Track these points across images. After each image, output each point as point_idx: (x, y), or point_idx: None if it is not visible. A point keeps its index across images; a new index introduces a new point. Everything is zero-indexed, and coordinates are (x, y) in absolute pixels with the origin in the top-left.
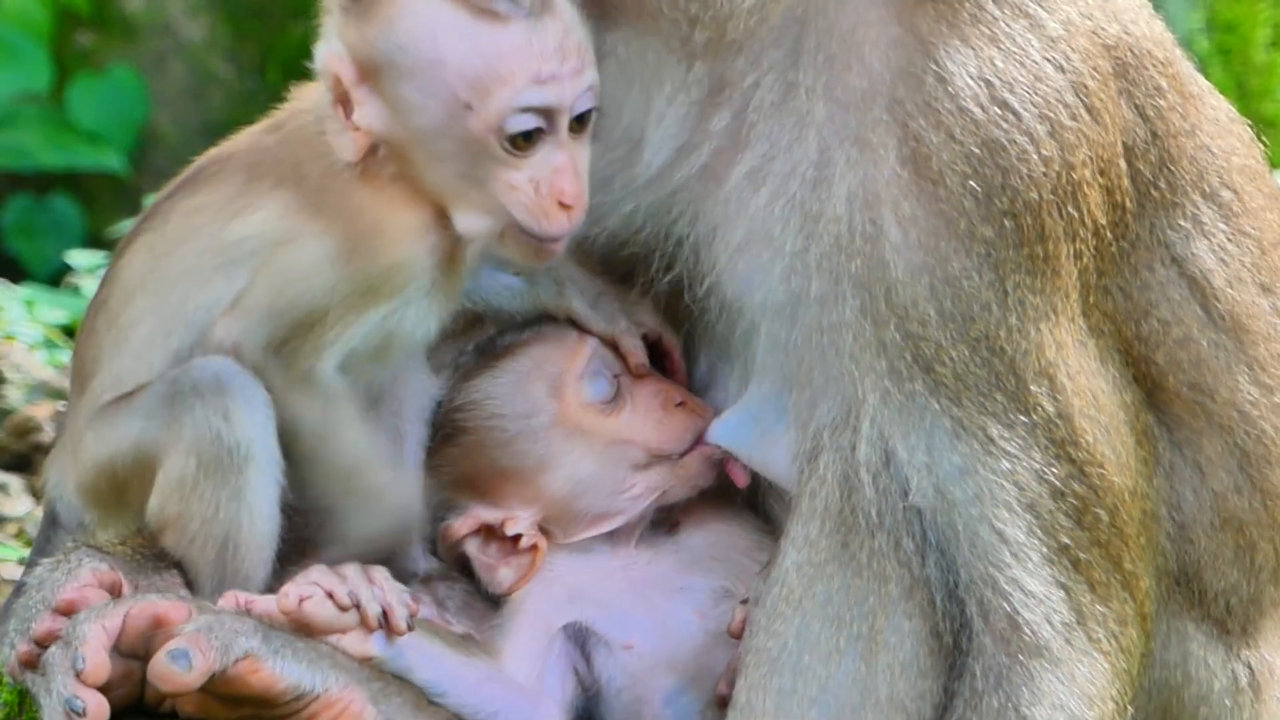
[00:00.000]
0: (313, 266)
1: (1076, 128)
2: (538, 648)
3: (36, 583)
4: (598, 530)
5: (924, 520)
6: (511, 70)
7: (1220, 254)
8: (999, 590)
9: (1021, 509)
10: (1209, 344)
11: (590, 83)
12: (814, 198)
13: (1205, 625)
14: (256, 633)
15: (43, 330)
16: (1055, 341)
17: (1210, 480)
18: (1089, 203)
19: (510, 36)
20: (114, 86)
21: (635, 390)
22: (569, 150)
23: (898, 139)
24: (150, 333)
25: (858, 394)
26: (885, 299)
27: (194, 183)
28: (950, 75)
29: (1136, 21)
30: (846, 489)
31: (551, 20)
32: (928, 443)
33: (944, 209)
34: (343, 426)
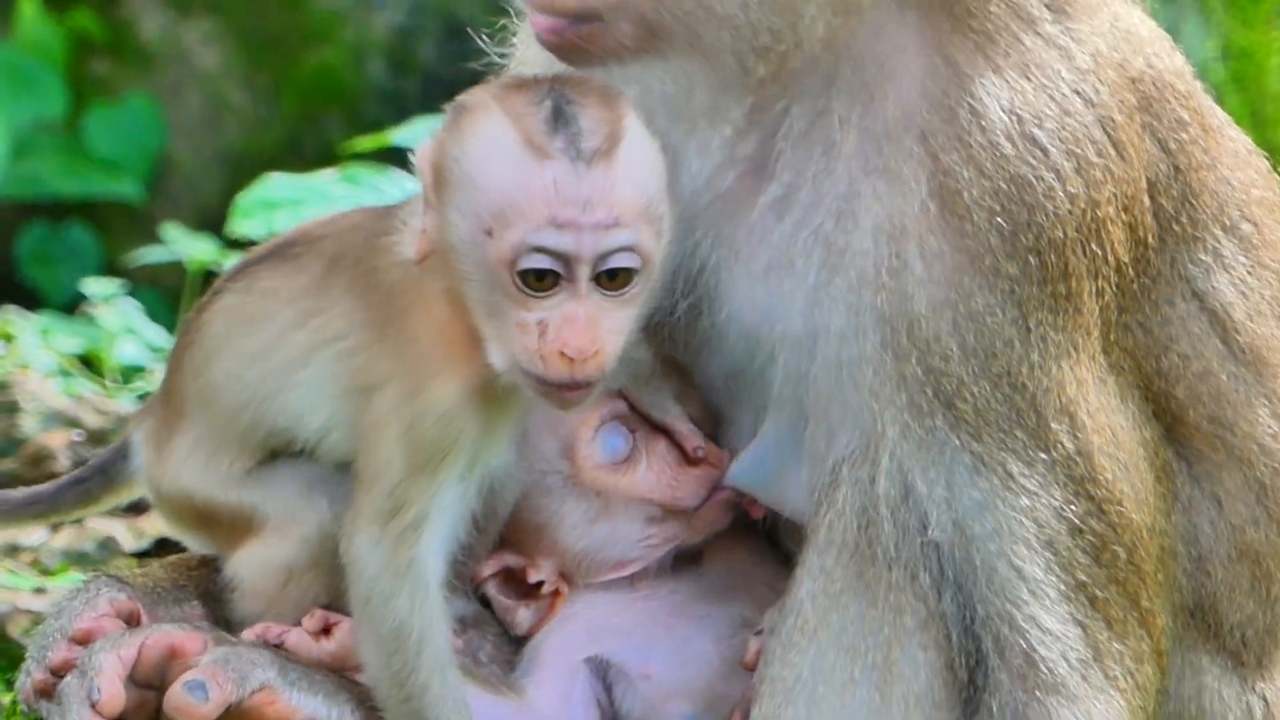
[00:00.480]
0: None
1: (1103, 164)
2: (561, 683)
3: (54, 611)
4: (617, 575)
5: (941, 555)
6: (533, 206)
7: (1241, 287)
8: (1016, 627)
9: (1040, 546)
10: (1229, 377)
11: (624, 243)
12: (839, 230)
13: (1220, 658)
14: (273, 665)
15: (58, 359)
16: (1076, 379)
17: (1228, 513)
18: (1112, 240)
19: (545, 174)
20: (130, 115)
21: (651, 446)
22: (587, 303)
23: (929, 172)
24: (230, 407)
25: (877, 428)
26: (907, 333)
27: (281, 257)
28: (984, 109)
29: (1159, 54)
30: (864, 521)
31: (600, 171)
32: (947, 478)
33: (970, 244)
34: (432, 630)
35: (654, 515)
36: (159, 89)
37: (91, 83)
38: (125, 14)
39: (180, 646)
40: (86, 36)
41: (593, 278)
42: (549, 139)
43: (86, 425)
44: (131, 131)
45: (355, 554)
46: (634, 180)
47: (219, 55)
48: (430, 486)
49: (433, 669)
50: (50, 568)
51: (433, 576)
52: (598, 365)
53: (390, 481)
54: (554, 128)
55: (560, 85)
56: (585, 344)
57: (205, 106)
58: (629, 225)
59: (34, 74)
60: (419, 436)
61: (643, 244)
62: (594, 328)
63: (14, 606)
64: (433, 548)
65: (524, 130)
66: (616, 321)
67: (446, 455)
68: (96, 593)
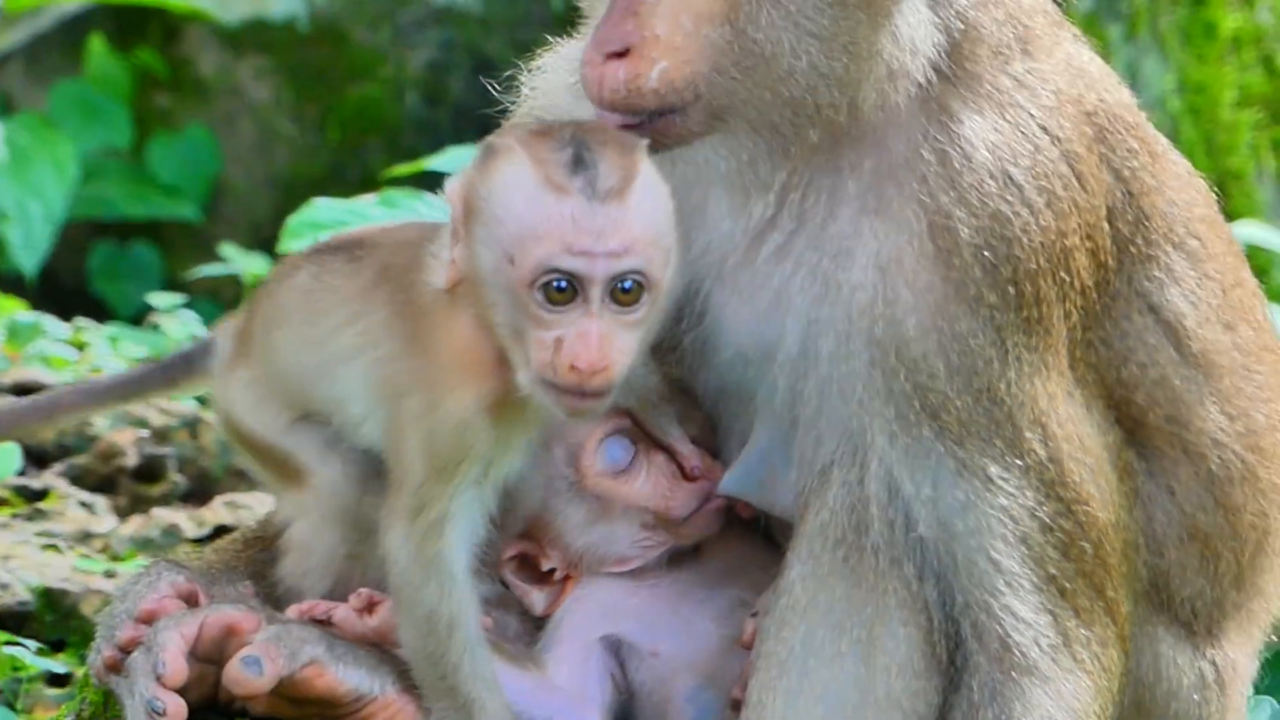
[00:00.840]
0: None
1: (1069, 196)
2: (578, 658)
3: (120, 594)
4: (619, 569)
5: (925, 548)
6: (550, 234)
7: (1191, 298)
8: (992, 615)
9: (1015, 541)
10: (1182, 380)
11: (633, 267)
12: (836, 267)
13: (1174, 628)
14: (321, 641)
15: (126, 364)
16: (1047, 393)
17: (1180, 500)
18: (1078, 266)
19: (562, 207)
20: (189, 143)
21: (650, 459)
22: (599, 322)
23: (926, 210)
24: (286, 373)
25: (867, 437)
26: (896, 353)
27: (348, 255)
28: (973, 150)
29: (1109, 89)
30: (852, 516)
31: (612, 207)
32: (933, 480)
33: (956, 276)
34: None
35: (648, 521)
36: (215, 120)
37: (154, 114)
38: (185, 52)
39: (237, 624)
40: (150, 72)
41: (605, 297)
42: (569, 179)
43: (152, 424)
44: (191, 159)
45: (389, 548)
46: (644, 216)
47: (270, 89)
48: (449, 489)
49: (463, 649)
50: (119, 553)
51: (458, 567)
52: (606, 379)
53: (414, 483)
54: (574, 170)
55: (581, 133)
56: (596, 358)
57: (257, 136)
58: (638, 253)
59: (102, 106)
60: (437, 444)
61: (651, 269)
62: (604, 344)
63: (86, 588)
64: (457, 542)
65: (545, 172)
66: (625, 340)
67: (462, 462)
68: (158, 576)
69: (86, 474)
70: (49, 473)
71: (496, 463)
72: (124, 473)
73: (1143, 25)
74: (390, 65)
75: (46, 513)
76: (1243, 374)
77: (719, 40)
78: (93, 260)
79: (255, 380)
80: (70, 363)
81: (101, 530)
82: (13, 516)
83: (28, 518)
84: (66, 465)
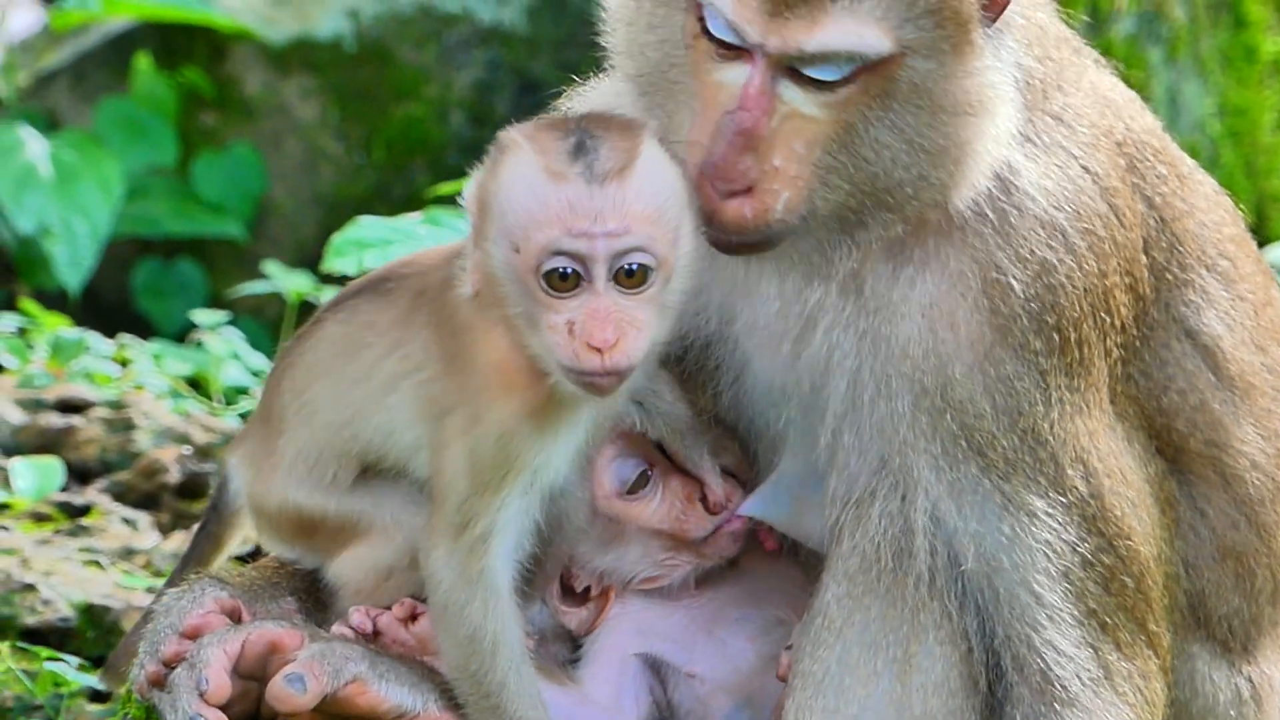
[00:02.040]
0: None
1: (1109, 235)
2: (613, 673)
3: (164, 609)
4: (647, 589)
5: (966, 580)
6: (551, 219)
7: (1226, 320)
8: (1033, 648)
9: (1057, 576)
10: (1221, 404)
11: (634, 244)
12: (883, 323)
13: (1210, 645)
14: (364, 659)
15: (169, 381)
16: (1088, 430)
17: (1213, 520)
18: (1118, 304)
19: (562, 193)
20: (234, 162)
21: (667, 481)
22: (606, 299)
23: (981, 265)
24: (331, 423)
25: (913, 473)
26: (942, 394)
27: (375, 291)
28: (1028, 201)
29: (1134, 115)
30: (894, 546)
31: (613, 188)
32: (979, 514)
33: (1003, 323)
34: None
35: (665, 543)
36: (261, 139)
37: (200, 133)
38: (230, 71)
39: (280, 641)
40: (195, 91)
41: (610, 277)
42: (569, 166)
43: (194, 441)
44: (236, 177)
45: (432, 566)
46: (645, 195)
47: (315, 108)
48: (494, 502)
49: (508, 668)
50: (161, 569)
51: (503, 584)
52: (623, 353)
53: (458, 498)
54: (574, 156)
55: (585, 123)
56: (609, 333)
57: (303, 155)
58: (639, 231)
59: (148, 125)
60: (481, 457)
61: (654, 246)
62: (615, 319)
63: (129, 604)
64: (501, 558)
65: (546, 161)
66: (636, 316)
67: (507, 473)
68: (202, 592)
69: (129, 490)
70: (91, 489)
71: (541, 472)
72: (166, 489)
73: (1183, 49)
74: (436, 85)
75: (89, 529)
76: (1274, 395)
77: (833, 162)
78: (137, 277)
79: (300, 451)
80: (113, 379)
81: (144, 546)
82: (55, 532)
83: (70, 534)
84: (109, 481)
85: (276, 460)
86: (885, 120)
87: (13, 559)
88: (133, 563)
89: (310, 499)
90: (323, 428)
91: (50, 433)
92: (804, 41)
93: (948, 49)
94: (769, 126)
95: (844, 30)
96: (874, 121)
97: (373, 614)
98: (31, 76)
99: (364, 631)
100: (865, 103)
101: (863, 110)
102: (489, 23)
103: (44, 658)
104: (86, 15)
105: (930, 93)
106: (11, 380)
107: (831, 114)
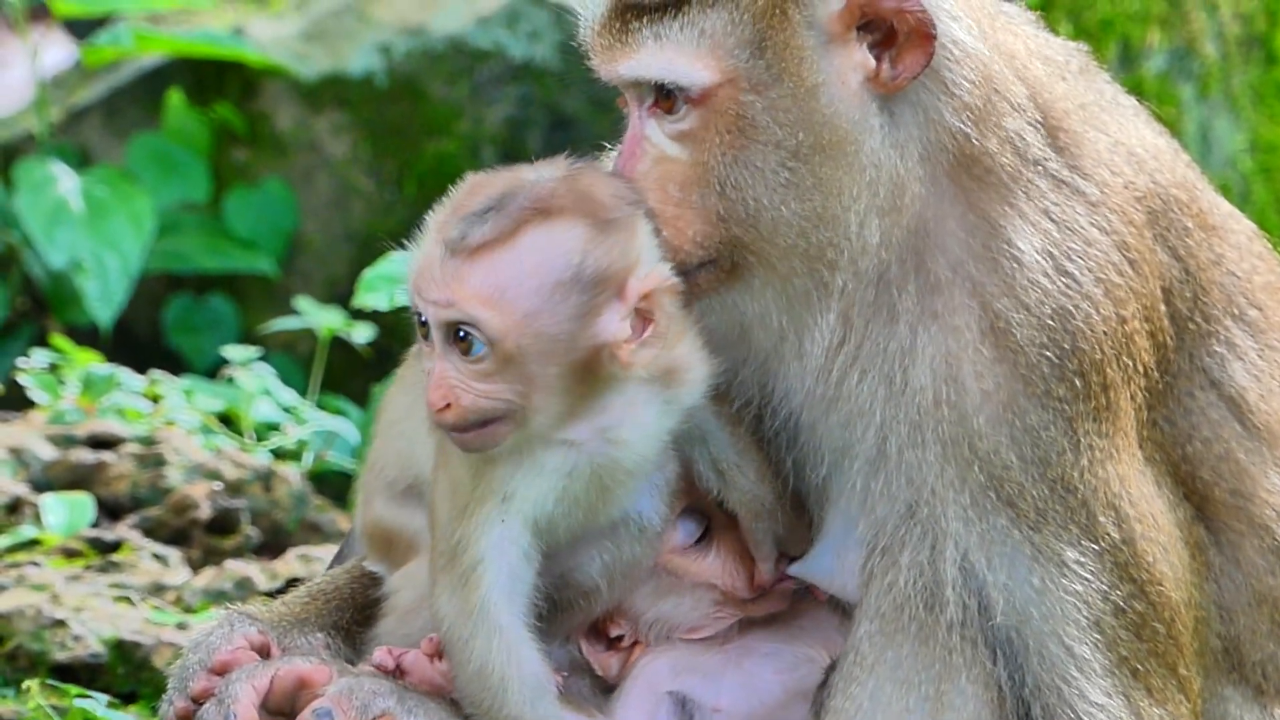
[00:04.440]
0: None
1: (1124, 283)
2: (646, 707)
3: (193, 645)
4: (690, 638)
5: (995, 630)
6: (412, 274)
7: (1253, 370)
8: (1064, 699)
9: (1088, 627)
10: (1246, 454)
11: (458, 318)
12: (899, 371)
13: (1243, 688)
14: (393, 694)
15: (200, 417)
16: (1119, 475)
17: (1245, 568)
18: (1140, 349)
19: (426, 254)
20: (266, 198)
21: (723, 537)
22: (442, 362)
23: (978, 317)
24: (393, 450)
25: (942, 523)
26: (969, 446)
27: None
28: (1021, 254)
29: (1160, 169)
30: (924, 596)
31: (459, 262)
32: (1009, 566)
33: (1023, 373)
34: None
35: (715, 596)
36: (292, 175)
37: (232, 169)
38: (262, 107)
39: (308, 677)
40: (228, 127)
41: (448, 343)
42: (447, 231)
43: (225, 477)
44: (268, 213)
45: (434, 603)
46: (492, 276)
47: (347, 145)
48: (471, 528)
49: (522, 702)
50: (192, 605)
51: (504, 616)
52: (449, 417)
53: (443, 527)
54: (460, 224)
55: (519, 190)
56: (434, 396)
57: (334, 191)
58: (466, 308)
59: (180, 161)
60: (452, 479)
61: (486, 325)
62: (443, 382)
63: (159, 640)
64: (496, 589)
65: (443, 220)
66: (473, 385)
67: (474, 492)
68: (232, 627)
69: (159, 526)
70: (122, 525)
71: (513, 500)
72: (197, 525)
73: (1215, 85)
74: (468, 121)
75: (119, 565)
76: None
77: (706, 203)
78: (168, 313)
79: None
80: (144, 415)
81: (174, 582)
82: (85, 568)
83: (100, 569)
84: (139, 517)
85: (368, 473)
86: (738, 159)
87: (43, 595)
88: (163, 598)
89: (385, 511)
90: (395, 444)
91: (81, 468)
92: (621, 69)
93: (770, 80)
94: (640, 169)
95: (654, 58)
96: (728, 161)
97: (396, 653)
98: (64, 112)
99: (387, 670)
100: (714, 141)
101: (717, 149)
102: (520, 59)
103: (74, 694)
104: (119, 51)
105: (767, 128)
106: (43, 416)
107: (689, 153)
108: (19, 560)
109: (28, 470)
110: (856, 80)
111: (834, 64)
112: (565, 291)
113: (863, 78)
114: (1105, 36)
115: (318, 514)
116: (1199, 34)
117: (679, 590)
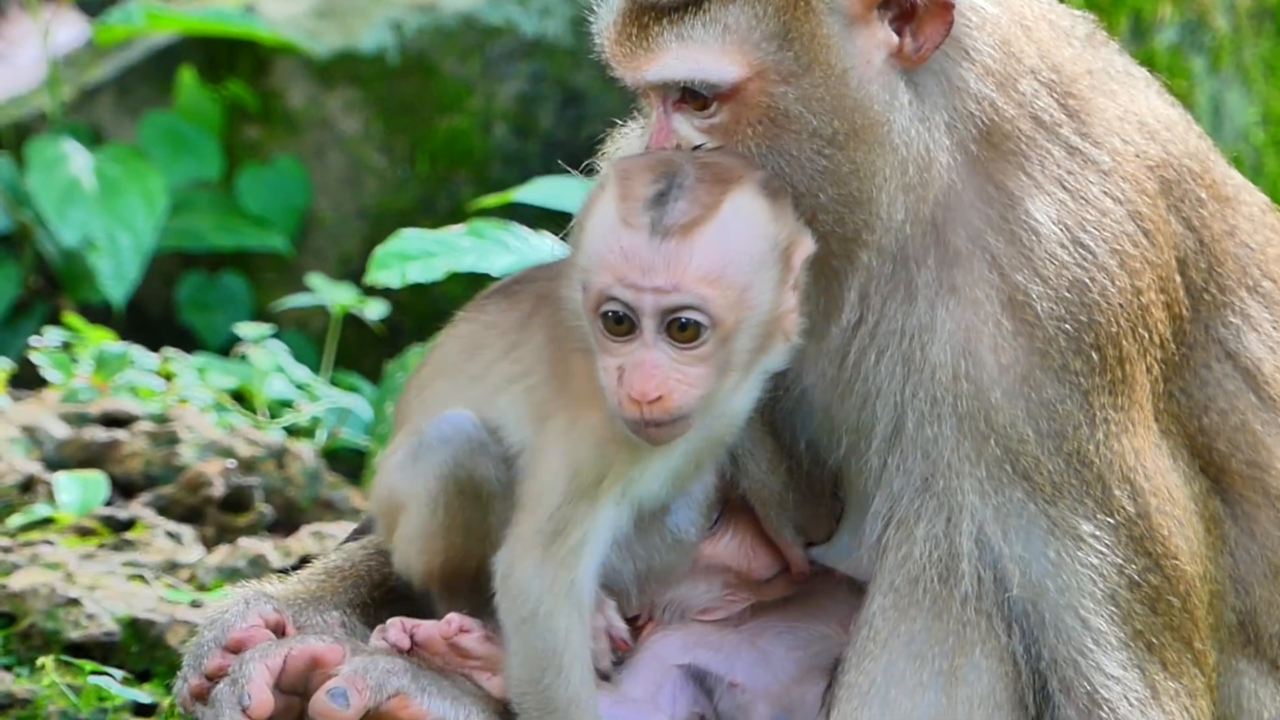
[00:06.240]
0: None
1: (1139, 254)
2: (654, 676)
3: (208, 622)
4: (705, 619)
5: (1010, 603)
6: (609, 265)
7: (1268, 342)
8: (1080, 672)
9: (1104, 599)
10: (1263, 425)
11: (682, 302)
12: (917, 349)
13: (1258, 662)
14: (406, 672)
15: (213, 395)
16: (1134, 449)
17: (1261, 540)
18: (1155, 321)
19: (624, 241)
20: (278, 175)
21: (739, 520)
22: (654, 352)
23: (998, 289)
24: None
25: (958, 497)
26: (985, 419)
27: (505, 294)
28: (1039, 225)
29: (1173, 139)
30: (940, 569)
31: (672, 244)
32: (1025, 538)
33: (1040, 346)
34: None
35: (730, 580)
36: (305, 152)
37: (244, 146)
38: (274, 84)
39: (322, 656)
40: (240, 105)
41: (661, 330)
42: (640, 215)
43: (239, 454)
44: (280, 190)
45: (519, 576)
46: (708, 254)
47: (359, 122)
48: (590, 510)
49: (580, 684)
50: (205, 583)
51: (588, 597)
52: (664, 409)
53: (552, 505)
54: (649, 206)
55: (680, 167)
56: (649, 388)
57: (346, 168)
58: (690, 290)
59: (192, 139)
60: (578, 462)
61: (709, 306)
62: (660, 373)
63: (172, 618)
64: (590, 570)
65: (624, 206)
66: (686, 371)
67: (603, 479)
68: (247, 605)
69: (173, 504)
70: (136, 503)
71: (634, 483)
72: (211, 503)
73: (1226, 58)
74: (479, 97)
75: (133, 543)
76: None
77: None
78: (181, 291)
79: (408, 436)
80: (157, 393)
81: (188, 560)
82: (99, 546)
83: (114, 548)
84: (153, 495)
85: (391, 450)
86: (772, 148)
87: (57, 573)
88: (177, 576)
89: (389, 486)
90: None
91: (94, 447)
92: (647, 73)
93: (800, 70)
94: None
95: (679, 59)
96: (762, 151)
97: (409, 627)
98: (76, 90)
99: (401, 648)
100: (747, 133)
101: (750, 141)
102: (532, 35)
103: (88, 672)
104: (130, 29)
105: (800, 117)
106: (56, 394)
107: (721, 144)
108: (33, 539)
109: (41, 449)
110: (880, 58)
111: (858, 46)
112: (768, 262)
113: (886, 55)
114: (1117, 10)
115: (331, 491)
116: (1210, 7)
117: (694, 572)
